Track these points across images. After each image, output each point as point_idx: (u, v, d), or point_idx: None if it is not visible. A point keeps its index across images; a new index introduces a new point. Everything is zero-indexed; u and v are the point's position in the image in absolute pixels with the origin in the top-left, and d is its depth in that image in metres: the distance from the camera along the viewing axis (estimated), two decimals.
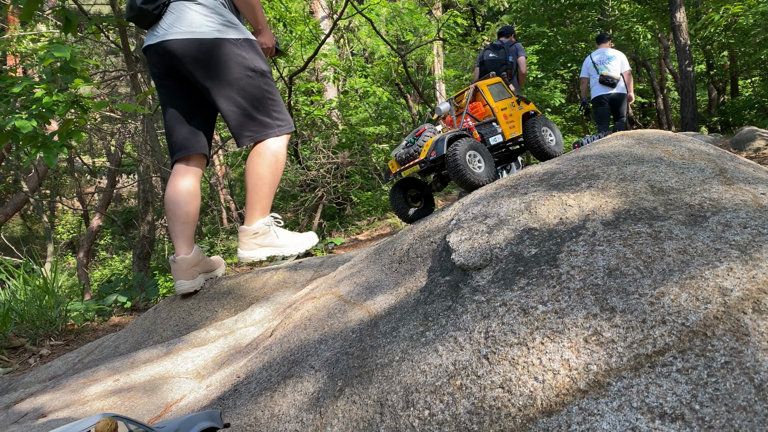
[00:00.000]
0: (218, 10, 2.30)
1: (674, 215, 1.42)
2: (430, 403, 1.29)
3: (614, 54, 7.91)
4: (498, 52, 6.45)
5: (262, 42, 2.59)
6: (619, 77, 7.76)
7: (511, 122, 2.76)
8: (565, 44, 16.22)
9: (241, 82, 2.29)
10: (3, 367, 3.73)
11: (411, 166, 2.74)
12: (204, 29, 2.23)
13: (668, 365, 1.06)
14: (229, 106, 2.32)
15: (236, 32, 2.32)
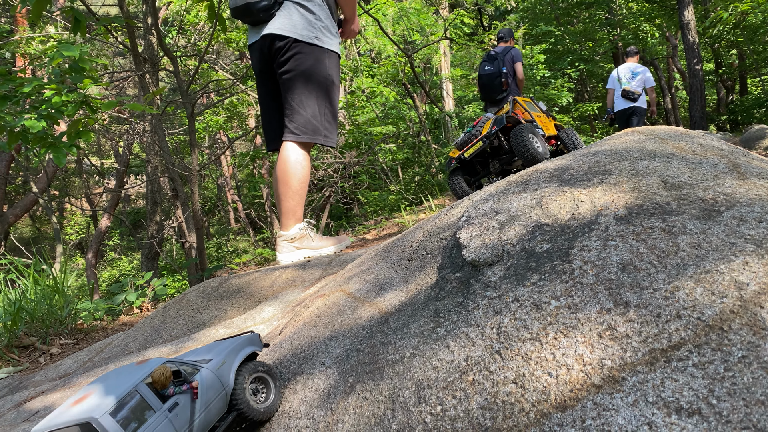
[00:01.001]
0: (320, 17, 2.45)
1: (688, 210, 1.41)
2: (442, 399, 1.28)
3: (640, 70, 8.21)
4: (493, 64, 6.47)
5: (352, 28, 2.77)
6: (640, 92, 8.04)
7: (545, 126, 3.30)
8: (573, 43, 16.17)
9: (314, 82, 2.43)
10: (14, 365, 3.75)
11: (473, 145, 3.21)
12: (304, 33, 2.39)
13: (684, 360, 1.04)
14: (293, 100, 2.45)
15: (328, 42, 2.49)
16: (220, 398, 1.50)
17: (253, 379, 1.63)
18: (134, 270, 16.57)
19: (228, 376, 1.55)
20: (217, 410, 1.49)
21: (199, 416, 1.42)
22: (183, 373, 1.46)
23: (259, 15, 2.36)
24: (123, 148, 13.14)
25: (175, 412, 1.37)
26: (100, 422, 1.19)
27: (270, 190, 13.47)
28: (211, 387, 1.48)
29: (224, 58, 17.74)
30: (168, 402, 1.37)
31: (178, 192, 6.57)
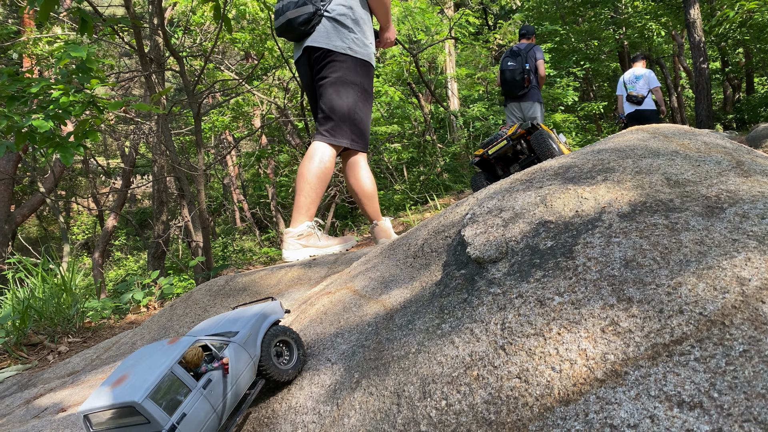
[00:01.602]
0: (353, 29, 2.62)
1: (691, 207, 1.42)
2: (447, 394, 1.30)
3: (642, 73, 8.44)
4: (516, 60, 6.61)
5: (387, 36, 2.92)
6: (644, 95, 8.26)
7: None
8: (578, 42, 16.14)
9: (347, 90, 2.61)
10: (22, 363, 3.78)
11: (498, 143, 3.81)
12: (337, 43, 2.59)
13: (686, 354, 1.06)
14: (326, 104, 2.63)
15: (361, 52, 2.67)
16: (248, 369, 1.58)
17: (277, 343, 1.72)
18: (140, 269, 16.65)
19: (255, 346, 1.62)
20: (247, 380, 1.58)
21: (231, 389, 1.50)
22: (213, 349, 1.52)
23: (300, 29, 2.54)
24: (129, 148, 13.21)
25: (209, 389, 1.44)
26: (142, 406, 1.27)
27: (275, 190, 13.51)
28: (240, 359, 1.55)
29: (230, 58, 17.80)
30: (202, 379, 1.44)
31: (184, 191, 6.60)
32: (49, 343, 4.07)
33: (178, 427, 1.34)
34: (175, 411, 1.35)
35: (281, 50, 9.50)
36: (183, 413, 1.36)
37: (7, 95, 4.39)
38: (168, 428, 1.32)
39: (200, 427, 1.40)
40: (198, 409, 1.40)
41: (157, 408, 1.31)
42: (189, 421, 1.37)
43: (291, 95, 11.38)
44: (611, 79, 21.03)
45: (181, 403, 1.37)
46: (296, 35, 2.59)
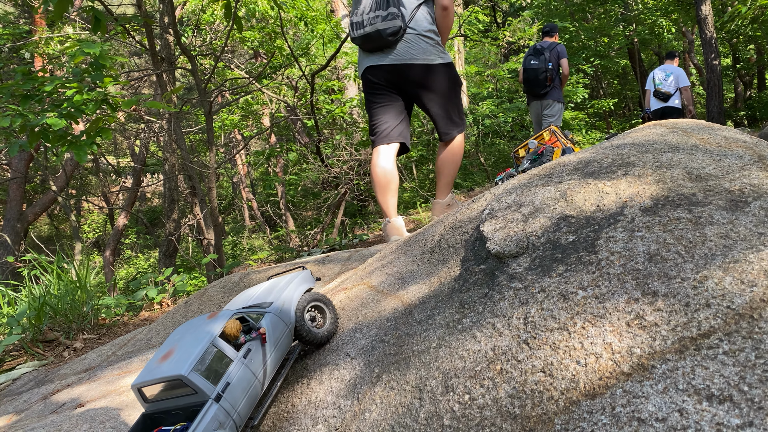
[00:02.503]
0: (437, 40, 2.93)
1: (714, 201, 1.41)
2: (470, 388, 1.30)
3: (673, 70, 8.52)
4: (539, 59, 6.61)
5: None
6: (672, 92, 8.34)
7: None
8: (588, 39, 16.06)
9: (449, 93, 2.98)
10: (39, 359, 3.81)
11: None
12: (433, 57, 2.87)
13: (714, 348, 1.05)
14: (439, 110, 2.99)
15: (447, 57, 2.97)
16: (285, 336, 1.70)
17: (310, 308, 1.81)
18: (151, 268, 16.73)
19: (289, 314, 1.73)
20: (285, 346, 1.69)
21: (270, 356, 1.62)
22: (250, 321, 1.63)
23: (387, 41, 2.79)
24: (140, 147, 13.27)
25: (249, 358, 1.56)
26: (189, 378, 1.40)
27: (284, 188, 13.53)
28: (276, 328, 1.66)
29: (239, 57, 17.84)
30: (242, 350, 1.55)
31: (195, 189, 6.62)
32: (65, 340, 4.10)
33: (224, 395, 1.46)
34: (219, 381, 1.46)
35: (291, 48, 9.51)
36: (227, 382, 1.47)
37: (20, 94, 4.41)
38: (214, 397, 1.43)
39: (244, 393, 1.52)
40: (240, 377, 1.51)
41: (202, 379, 1.43)
42: (233, 389, 1.48)
43: (300, 93, 11.40)
44: (621, 77, 20.92)
45: (224, 373, 1.48)
46: (380, 45, 2.84)
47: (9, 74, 8.76)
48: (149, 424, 1.56)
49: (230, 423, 1.47)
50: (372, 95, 3.06)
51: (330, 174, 9.51)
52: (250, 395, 1.54)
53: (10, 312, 4.53)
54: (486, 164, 12.06)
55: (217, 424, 1.43)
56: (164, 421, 1.53)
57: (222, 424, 1.44)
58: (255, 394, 1.56)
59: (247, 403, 1.53)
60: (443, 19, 2.92)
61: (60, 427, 2.27)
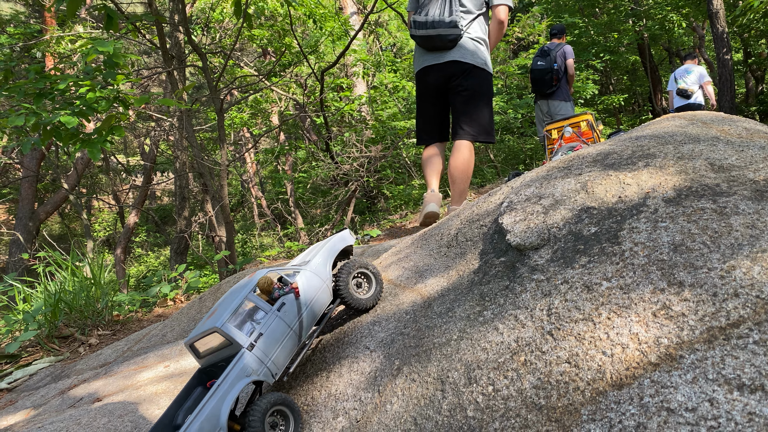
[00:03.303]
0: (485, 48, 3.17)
1: (739, 191, 1.40)
2: (493, 379, 1.29)
3: (693, 68, 8.68)
4: (545, 60, 6.77)
5: None
6: (694, 90, 8.49)
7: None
8: (597, 35, 15.97)
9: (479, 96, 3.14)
10: (55, 355, 3.84)
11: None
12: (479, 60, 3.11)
13: (744, 337, 1.04)
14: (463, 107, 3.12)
15: (490, 67, 3.21)
16: (322, 292, 1.79)
17: (356, 275, 1.88)
18: (161, 266, 16.80)
19: (324, 271, 1.82)
20: (322, 302, 1.78)
21: (305, 310, 1.72)
22: (285, 277, 1.74)
23: (446, 44, 3.03)
24: (149, 145, 13.32)
25: (283, 311, 1.67)
26: (222, 330, 1.55)
27: (293, 187, 13.54)
28: (311, 284, 1.76)
29: (247, 55, 17.87)
30: (276, 303, 1.67)
31: (207, 186, 6.64)
32: (80, 336, 4.13)
33: (256, 344, 1.58)
34: (252, 332, 1.59)
35: (300, 46, 9.51)
36: (260, 333, 1.60)
37: (34, 92, 4.44)
38: (246, 346, 1.56)
39: (278, 343, 1.63)
40: (274, 328, 1.63)
41: (235, 330, 1.57)
42: (266, 339, 1.60)
43: (309, 91, 11.40)
44: (630, 72, 20.78)
45: (259, 324, 1.61)
46: (437, 46, 3.07)
47: (21, 74, 8.81)
48: (204, 378, 1.73)
49: (264, 370, 1.59)
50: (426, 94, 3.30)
51: (339, 171, 9.52)
52: (285, 346, 1.64)
53: (25, 308, 4.56)
54: (496, 160, 12.02)
55: (250, 370, 1.55)
56: (216, 375, 1.66)
57: (255, 371, 1.57)
58: (291, 344, 1.67)
59: (282, 352, 1.64)
60: (496, 31, 3.22)
61: (79, 420, 2.28)
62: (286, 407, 1.56)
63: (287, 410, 1.57)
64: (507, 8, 3.21)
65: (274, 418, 1.54)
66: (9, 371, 3.66)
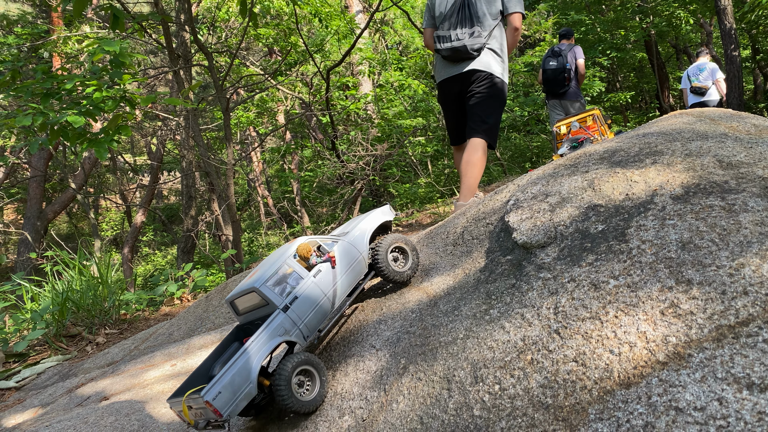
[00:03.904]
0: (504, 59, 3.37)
1: (748, 188, 1.38)
2: (500, 378, 1.29)
3: (705, 65, 8.69)
4: (557, 60, 6.97)
5: None
6: (708, 86, 8.50)
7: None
8: (604, 32, 15.88)
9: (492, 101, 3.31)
10: (62, 354, 3.85)
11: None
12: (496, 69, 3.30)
13: (753, 336, 1.03)
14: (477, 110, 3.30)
15: (506, 76, 3.40)
16: (357, 262, 1.88)
17: (393, 249, 1.95)
18: (168, 265, 16.86)
19: (362, 243, 1.92)
20: (358, 272, 1.88)
21: (340, 278, 1.82)
22: (323, 246, 1.85)
23: (470, 54, 3.23)
24: (156, 144, 13.36)
25: (319, 278, 1.77)
26: (259, 289, 1.68)
27: (299, 185, 13.55)
28: (347, 254, 1.86)
29: (253, 54, 17.89)
30: (313, 270, 1.78)
31: (214, 185, 6.63)
32: (87, 335, 4.14)
33: (291, 306, 1.70)
34: (288, 294, 1.71)
35: (306, 45, 9.51)
36: (295, 296, 1.71)
37: (41, 92, 4.45)
38: (281, 307, 1.68)
39: (312, 308, 1.74)
40: (309, 293, 1.74)
41: (272, 292, 1.69)
42: (301, 302, 1.72)
43: (315, 90, 11.40)
44: (637, 70, 20.66)
45: (294, 289, 1.72)
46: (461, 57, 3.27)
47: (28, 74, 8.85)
48: (241, 334, 1.86)
49: (296, 332, 1.70)
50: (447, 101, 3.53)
51: (345, 170, 9.51)
52: (318, 310, 1.75)
53: (33, 307, 4.58)
54: (502, 158, 11.99)
55: (283, 330, 1.67)
56: (252, 332, 1.76)
57: (287, 331, 1.68)
58: (324, 310, 1.77)
59: (315, 316, 1.74)
60: (512, 37, 3.41)
61: (86, 419, 2.29)
62: (312, 367, 1.67)
63: (313, 370, 1.67)
64: (521, 16, 3.40)
65: (300, 377, 1.65)
66: (17, 370, 3.67)
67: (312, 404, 1.63)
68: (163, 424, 2.21)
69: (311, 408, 1.63)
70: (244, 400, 1.58)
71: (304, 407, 1.61)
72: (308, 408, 1.62)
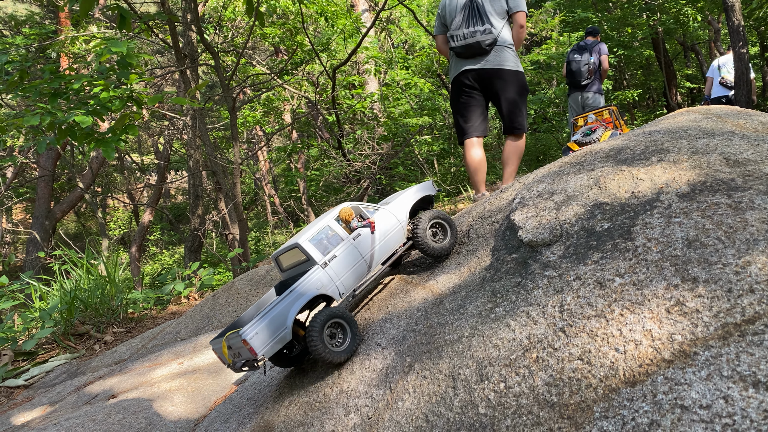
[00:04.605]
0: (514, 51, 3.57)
1: (754, 186, 1.38)
2: (505, 376, 1.29)
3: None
4: (582, 54, 7.26)
5: None
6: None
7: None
8: (611, 30, 15.82)
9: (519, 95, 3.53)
10: (71, 352, 3.88)
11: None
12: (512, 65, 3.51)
13: (760, 333, 1.02)
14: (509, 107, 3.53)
15: (521, 67, 3.58)
16: (396, 231, 2.01)
17: (433, 223, 2.03)
18: (176, 264, 16.92)
19: (402, 214, 2.04)
20: (396, 240, 2.00)
21: (378, 243, 1.95)
22: (365, 212, 1.99)
23: (484, 49, 3.42)
24: (163, 144, 13.41)
25: (358, 241, 1.92)
26: (302, 246, 1.84)
27: (306, 184, 13.57)
28: (387, 222, 1.99)
29: (259, 54, 17.92)
30: (353, 233, 1.93)
31: (220, 185, 6.65)
32: (95, 333, 4.17)
33: (329, 264, 1.84)
34: (328, 253, 1.86)
35: (312, 44, 9.52)
36: (334, 255, 1.86)
37: (49, 92, 4.48)
38: (321, 263, 1.83)
39: (349, 267, 1.87)
40: (347, 254, 1.88)
41: (313, 249, 1.84)
42: (339, 261, 1.86)
43: (321, 89, 11.41)
44: (645, 67, 20.56)
45: (335, 248, 1.87)
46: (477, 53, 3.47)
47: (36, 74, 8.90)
48: (282, 289, 2.00)
49: (333, 287, 1.83)
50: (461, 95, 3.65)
51: (352, 168, 9.52)
52: (355, 271, 1.89)
53: (42, 306, 4.61)
54: None
55: (320, 284, 1.81)
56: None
57: (324, 286, 1.81)
58: (361, 271, 1.91)
59: (351, 276, 1.88)
60: (518, 34, 3.61)
61: (94, 417, 2.31)
62: (344, 321, 1.79)
63: (345, 324, 1.79)
64: (524, 14, 3.61)
65: (332, 329, 1.78)
66: (26, 368, 3.70)
67: (342, 355, 1.75)
68: (170, 422, 2.23)
69: (341, 358, 1.74)
70: (279, 343, 1.71)
71: (335, 357, 1.72)
72: (339, 358, 1.74)
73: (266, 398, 2.00)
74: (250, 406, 2.05)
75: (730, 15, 11.60)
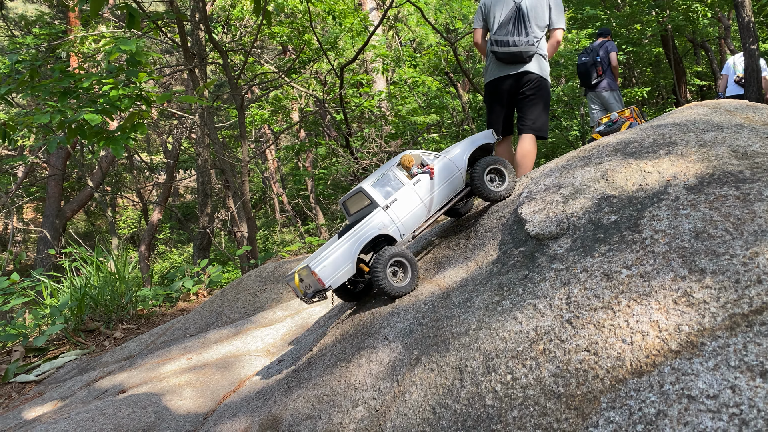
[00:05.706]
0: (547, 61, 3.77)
1: (762, 178, 1.37)
2: (512, 368, 1.29)
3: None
4: (589, 55, 7.41)
5: None
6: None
7: None
8: (620, 27, 15.73)
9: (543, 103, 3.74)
10: (81, 348, 3.91)
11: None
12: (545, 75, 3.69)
13: (767, 324, 1.02)
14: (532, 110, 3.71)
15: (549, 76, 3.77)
16: (455, 177, 2.11)
17: (489, 171, 2.13)
18: (184, 262, 17.00)
19: (461, 160, 2.13)
20: (454, 186, 2.11)
21: (437, 189, 2.07)
22: (425, 160, 2.11)
23: (522, 58, 3.63)
24: (172, 143, 13.47)
25: (418, 186, 2.05)
26: (366, 190, 2.01)
27: (314, 183, 13.59)
28: (446, 169, 2.10)
29: (267, 53, 17.96)
30: (413, 179, 2.06)
31: (229, 183, 6.68)
32: (105, 330, 4.20)
33: (391, 206, 2.00)
34: (390, 196, 2.01)
35: (320, 42, 9.53)
36: (395, 198, 2.01)
37: (58, 91, 4.51)
38: (383, 206, 1.99)
39: (409, 211, 2.02)
40: (408, 198, 2.02)
41: (376, 192, 2.02)
42: (400, 204, 2.01)
43: (329, 87, 11.42)
44: (654, 65, 20.44)
45: (395, 192, 2.02)
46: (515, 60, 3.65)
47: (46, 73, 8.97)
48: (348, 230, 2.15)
49: (393, 228, 1.98)
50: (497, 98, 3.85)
51: (359, 167, 9.53)
52: (414, 214, 2.03)
53: (53, 303, 4.65)
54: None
55: (382, 225, 1.97)
56: None
57: (386, 226, 1.97)
58: (420, 214, 2.04)
59: (411, 218, 2.02)
60: (553, 49, 3.87)
61: (104, 411, 2.33)
62: (404, 259, 1.93)
63: (406, 262, 1.93)
64: (563, 31, 3.84)
65: (394, 267, 1.92)
66: (37, 364, 3.73)
67: (403, 290, 1.91)
68: (179, 416, 2.24)
69: (402, 293, 1.91)
70: (344, 275, 1.90)
71: (396, 291, 1.89)
72: (399, 292, 1.90)
73: (274, 392, 2.02)
74: (258, 399, 2.06)
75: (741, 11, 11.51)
